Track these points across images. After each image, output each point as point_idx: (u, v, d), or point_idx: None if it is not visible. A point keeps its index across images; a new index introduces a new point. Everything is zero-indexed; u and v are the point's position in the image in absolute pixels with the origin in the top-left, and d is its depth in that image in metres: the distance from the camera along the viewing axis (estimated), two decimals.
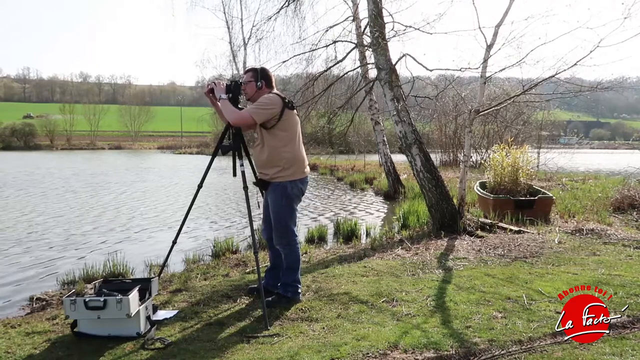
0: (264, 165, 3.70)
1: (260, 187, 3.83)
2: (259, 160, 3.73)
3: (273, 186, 3.69)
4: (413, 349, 2.86)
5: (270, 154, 3.63)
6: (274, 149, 3.63)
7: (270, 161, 3.65)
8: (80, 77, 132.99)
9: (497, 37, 6.44)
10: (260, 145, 3.68)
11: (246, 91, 3.73)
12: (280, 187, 3.66)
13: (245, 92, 3.74)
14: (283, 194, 3.65)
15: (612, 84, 7.02)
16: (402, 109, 6.42)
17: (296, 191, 3.71)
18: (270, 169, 3.67)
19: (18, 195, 12.74)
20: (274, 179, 3.67)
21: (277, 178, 3.65)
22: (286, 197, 3.66)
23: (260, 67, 3.81)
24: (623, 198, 8.35)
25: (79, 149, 58.21)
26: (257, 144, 3.72)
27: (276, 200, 3.67)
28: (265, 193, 3.86)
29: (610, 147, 69.98)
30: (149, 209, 10.60)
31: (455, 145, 19.42)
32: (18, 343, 3.10)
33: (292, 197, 3.68)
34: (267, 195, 3.78)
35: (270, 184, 3.70)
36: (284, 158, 3.63)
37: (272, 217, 3.73)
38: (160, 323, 3.37)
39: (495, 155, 8.24)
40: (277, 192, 3.66)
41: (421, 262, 4.92)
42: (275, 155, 3.63)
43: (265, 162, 3.67)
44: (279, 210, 3.67)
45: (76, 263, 5.80)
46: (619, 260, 4.88)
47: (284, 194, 3.65)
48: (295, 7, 11.51)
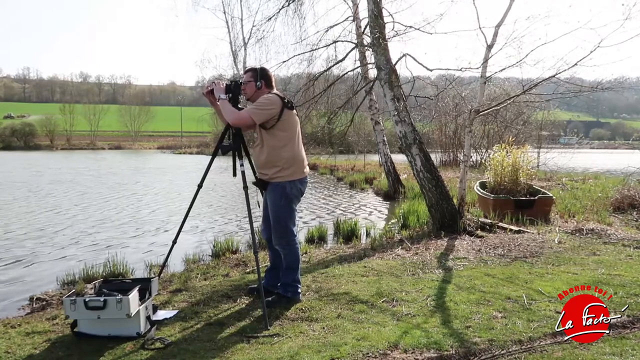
0: (264, 165, 3.70)
1: (259, 187, 3.83)
2: (259, 160, 3.73)
3: (272, 186, 3.68)
4: (413, 349, 2.86)
5: (270, 154, 3.63)
6: (273, 149, 3.62)
7: (269, 161, 3.64)
8: (80, 77, 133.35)
9: (497, 37, 6.45)
10: (260, 146, 3.68)
11: (246, 91, 3.73)
12: (279, 187, 3.65)
13: (245, 92, 3.73)
14: (282, 194, 3.65)
15: (612, 84, 7.02)
16: (402, 109, 6.42)
17: (295, 191, 3.70)
18: (270, 169, 3.66)
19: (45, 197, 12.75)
20: (273, 179, 3.66)
21: (277, 178, 3.65)
22: (285, 197, 3.65)
23: (259, 67, 3.80)
24: (623, 198, 8.35)
25: (79, 149, 58.23)
26: (257, 144, 3.72)
27: (275, 200, 3.67)
28: (264, 193, 3.86)
29: (610, 147, 70.00)
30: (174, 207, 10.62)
31: (455, 145, 19.41)
32: (18, 343, 3.10)
33: (291, 197, 3.68)
34: (267, 195, 3.78)
35: (269, 184, 3.70)
36: (283, 158, 3.62)
37: (271, 217, 3.72)
38: (160, 323, 3.37)
39: (496, 155, 8.24)
40: (277, 192, 3.66)
41: (421, 262, 4.92)
42: (275, 155, 3.62)
43: (265, 162, 3.67)
44: (278, 210, 3.67)
45: (76, 263, 5.80)
46: (619, 260, 4.88)
47: (283, 194, 3.65)
48: (295, 7, 11.52)
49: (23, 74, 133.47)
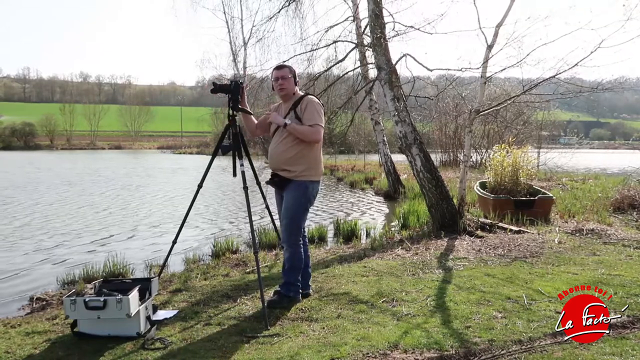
0: (289, 162, 3.64)
1: (277, 185, 3.76)
2: (283, 157, 3.66)
3: (295, 184, 3.65)
4: (413, 349, 2.86)
5: (301, 152, 3.62)
6: (305, 147, 3.63)
7: (299, 158, 3.63)
8: (80, 77, 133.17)
9: (497, 37, 6.45)
10: (289, 143, 3.64)
11: (284, 87, 3.69)
12: (302, 186, 3.65)
13: (284, 87, 3.70)
14: (304, 193, 3.66)
15: (612, 85, 7.02)
16: (402, 109, 6.42)
17: (314, 193, 3.75)
18: (297, 166, 3.63)
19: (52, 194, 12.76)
20: (298, 177, 3.64)
21: (302, 177, 3.64)
22: (306, 196, 3.67)
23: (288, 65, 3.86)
24: (623, 198, 8.35)
25: (79, 149, 58.22)
26: (282, 139, 3.67)
27: (296, 199, 3.65)
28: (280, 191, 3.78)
29: (610, 147, 69.94)
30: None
31: (455, 145, 19.40)
32: (18, 343, 3.10)
33: (310, 197, 3.71)
34: (285, 193, 3.71)
35: (291, 182, 3.66)
36: (311, 157, 3.66)
37: (284, 215, 3.68)
38: (160, 323, 3.37)
39: (496, 155, 8.24)
40: (299, 191, 3.65)
41: (421, 262, 4.92)
42: (305, 153, 3.63)
43: (292, 159, 3.63)
44: (297, 208, 3.66)
45: (77, 263, 5.80)
46: (619, 260, 4.88)
47: (305, 194, 3.66)
48: (295, 7, 11.54)
49: (23, 74, 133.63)
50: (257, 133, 4.04)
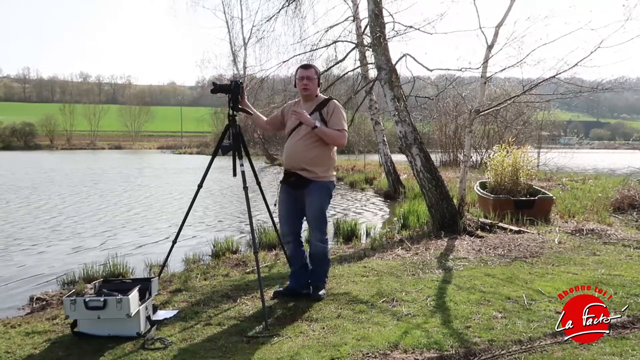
0: (311, 163, 3.67)
1: (295, 186, 3.75)
2: (305, 156, 3.67)
3: (318, 185, 3.71)
4: (413, 349, 2.86)
5: (322, 153, 3.69)
6: (326, 148, 3.71)
7: (321, 159, 3.70)
8: (80, 77, 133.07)
9: (497, 37, 6.45)
10: (309, 143, 3.66)
11: (309, 87, 3.74)
12: (325, 187, 3.75)
13: (308, 88, 3.74)
14: (328, 193, 3.79)
15: (612, 85, 7.02)
16: (402, 109, 6.42)
17: (333, 191, 3.87)
18: (318, 167, 3.69)
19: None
20: (320, 178, 3.70)
21: (323, 178, 3.72)
22: (329, 196, 3.82)
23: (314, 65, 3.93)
24: (623, 198, 8.35)
25: (79, 149, 58.19)
26: (301, 139, 3.68)
27: (321, 198, 3.75)
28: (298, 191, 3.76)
29: (610, 147, 69.97)
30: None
31: (455, 145, 19.40)
32: (18, 343, 3.10)
33: (331, 196, 3.85)
34: (308, 195, 3.72)
35: (312, 183, 3.70)
36: (331, 158, 3.79)
37: (313, 216, 3.75)
38: (160, 323, 3.37)
39: (496, 155, 8.24)
40: (323, 191, 3.75)
41: (421, 262, 4.92)
42: (326, 154, 3.72)
43: (313, 160, 3.67)
44: (323, 207, 3.79)
45: (77, 263, 5.79)
46: (619, 260, 4.88)
47: (328, 193, 3.80)
48: (295, 7, 11.53)
49: (23, 74, 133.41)
50: (268, 129, 4.13)
